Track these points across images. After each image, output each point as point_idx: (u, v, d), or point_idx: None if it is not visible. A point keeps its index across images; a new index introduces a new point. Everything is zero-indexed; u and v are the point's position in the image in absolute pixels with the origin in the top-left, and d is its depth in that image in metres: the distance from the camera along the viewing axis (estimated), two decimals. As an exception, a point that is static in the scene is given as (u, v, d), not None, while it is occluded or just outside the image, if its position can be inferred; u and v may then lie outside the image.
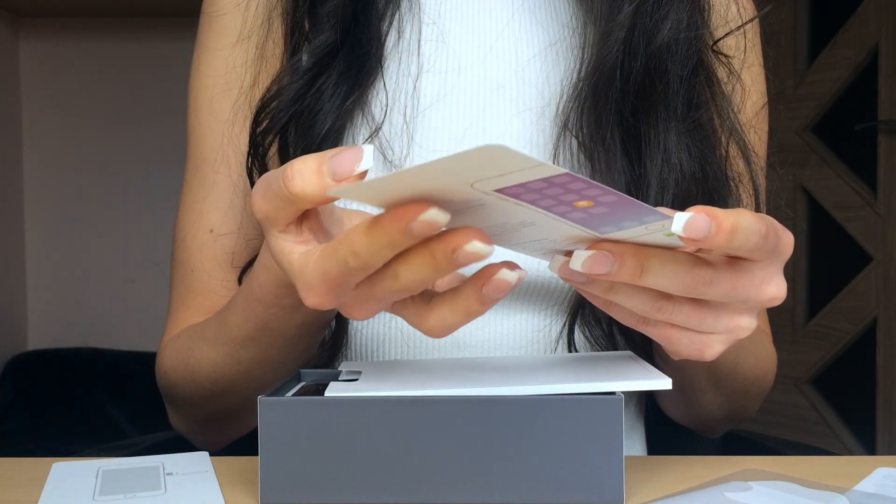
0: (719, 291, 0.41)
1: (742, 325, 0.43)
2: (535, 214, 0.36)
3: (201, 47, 0.69)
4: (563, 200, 0.35)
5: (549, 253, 0.43)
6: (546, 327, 0.64)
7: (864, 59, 2.09)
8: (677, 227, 0.37)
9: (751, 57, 0.67)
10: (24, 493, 0.47)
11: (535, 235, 0.39)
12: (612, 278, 0.39)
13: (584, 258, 0.39)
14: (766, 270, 0.42)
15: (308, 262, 0.39)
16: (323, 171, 0.37)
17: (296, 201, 0.38)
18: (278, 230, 0.40)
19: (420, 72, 0.64)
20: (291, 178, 0.38)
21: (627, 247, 0.39)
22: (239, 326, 0.55)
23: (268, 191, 0.40)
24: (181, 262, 0.68)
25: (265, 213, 0.40)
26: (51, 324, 2.50)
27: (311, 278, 0.39)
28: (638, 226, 0.37)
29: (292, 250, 0.40)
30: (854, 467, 0.51)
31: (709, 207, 0.38)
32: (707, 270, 0.40)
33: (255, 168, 0.62)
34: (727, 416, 0.69)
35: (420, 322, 0.41)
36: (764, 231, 0.39)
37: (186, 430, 0.68)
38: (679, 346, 0.44)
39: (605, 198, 0.35)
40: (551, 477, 0.43)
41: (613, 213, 0.36)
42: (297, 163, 0.38)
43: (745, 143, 0.63)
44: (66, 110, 2.49)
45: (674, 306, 0.41)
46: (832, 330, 2.17)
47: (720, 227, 0.37)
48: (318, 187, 0.38)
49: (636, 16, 0.59)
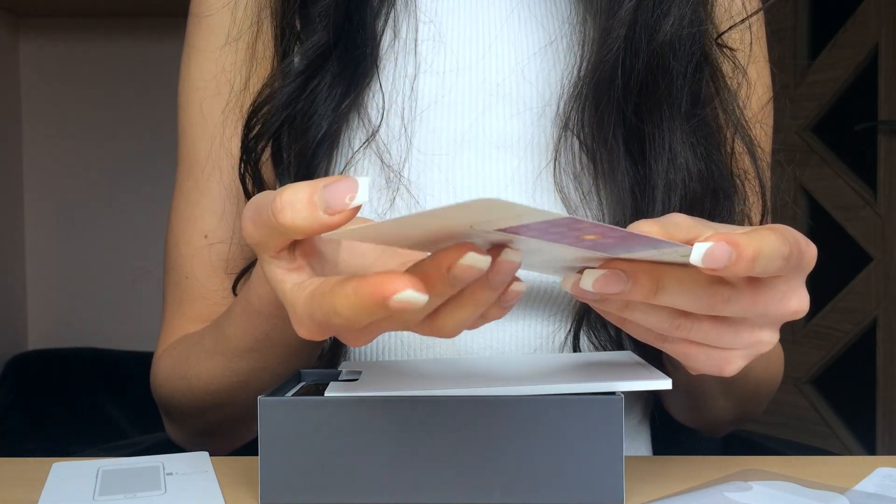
0: (738, 308, 0.39)
1: (763, 340, 0.42)
2: (541, 244, 0.35)
3: (190, 49, 0.68)
4: (569, 236, 0.33)
5: (561, 270, 0.41)
6: (551, 333, 0.63)
7: (864, 59, 2.09)
8: (696, 257, 0.35)
9: (756, 50, 0.65)
10: (24, 493, 0.47)
11: (546, 258, 0.38)
12: (626, 297, 0.38)
13: (595, 277, 0.37)
14: (788, 284, 0.40)
15: (299, 296, 0.37)
16: (315, 201, 0.35)
17: (286, 233, 0.37)
18: (270, 256, 0.39)
19: (417, 72, 0.63)
20: (281, 210, 0.36)
21: (641, 265, 0.37)
22: (238, 338, 0.54)
23: (257, 218, 0.38)
24: (175, 268, 0.67)
25: (255, 240, 0.39)
26: (51, 324, 2.50)
27: (301, 315, 0.37)
28: (651, 250, 0.36)
29: (284, 279, 0.39)
30: (854, 467, 0.51)
31: (729, 234, 0.36)
32: (726, 288, 0.39)
33: (248, 174, 0.61)
34: (735, 418, 0.68)
35: (431, 328, 0.38)
36: (787, 253, 0.37)
37: (184, 442, 0.67)
38: (698, 363, 0.42)
39: (613, 233, 0.33)
40: (551, 477, 0.43)
41: (622, 244, 0.35)
42: (288, 192, 0.36)
43: (750, 138, 0.61)
44: (66, 110, 2.49)
45: (692, 323, 0.40)
46: (832, 330, 2.17)
47: (741, 255, 0.35)
48: (308, 220, 0.35)
49: (637, 11, 0.58)
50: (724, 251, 0.35)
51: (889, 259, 2.03)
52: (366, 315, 0.33)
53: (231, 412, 0.60)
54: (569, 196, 0.60)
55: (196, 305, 0.66)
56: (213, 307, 0.65)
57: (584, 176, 0.61)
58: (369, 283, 0.32)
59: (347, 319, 0.34)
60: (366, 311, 0.33)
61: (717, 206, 0.59)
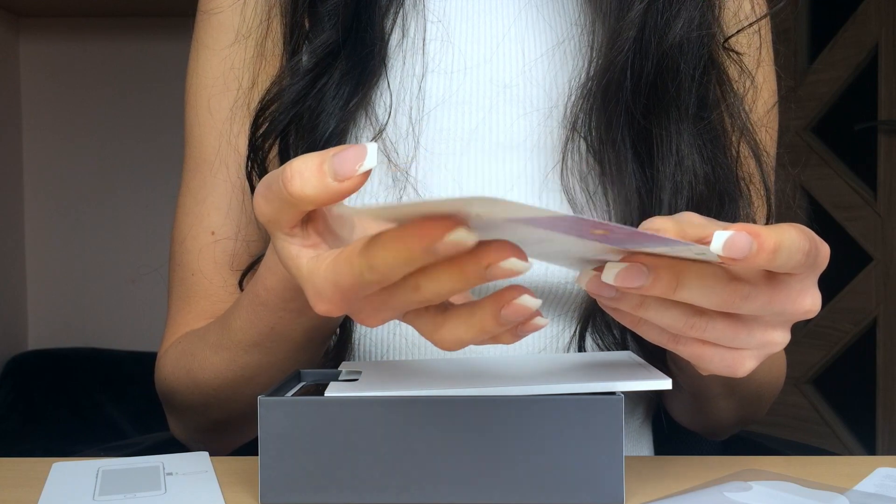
0: (756, 306, 0.39)
1: (776, 340, 0.42)
2: (553, 234, 0.35)
3: (198, 46, 0.68)
4: (578, 231, 0.33)
5: (576, 262, 0.41)
6: (556, 335, 0.63)
7: (864, 59, 2.09)
8: (717, 245, 0.36)
9: (763, 54, 0.66)
10: (24, 493, 0.47)
11: (558, 248, 0.38)
12: (646, 292, 0.38)
13: (616, 271, 0.37)
14: (802, 283, 0.40)
15: (318, 267, 0.37)
16: (324, 170, 0.36)
17: (296, 203, 0.37)
18: (283, 233, 0.39)
19: (425, 72, 0.63)
20: (290, 179, 0.36)
21: (662, 260, 0.37)
22: (243, 331, 0.54)
23: (268, 193, 0.38)
24: (181, 265, 0.67)
25: (267, 216, 0.39)
26: (51, 324, 2.50)
27: (321, 285, 0.37)
28: (663, 247, 0.36)
29: (299, 254, 0.39)
30: (854, 467, 0.51)
31: (751, 225, 0.36)
32: (744, 285, 0.39)
33: (255, 172, 0.61)
34: (738, 421, 0.68)
35: (432, 333, 0.38)
36: (807, 248, 0.38)
37: (187, 439, 0.67)
38: (710, 364, 0.42)
39: (620, 229, 0.33)
40: (551, 477, 0.43)
41: (633, 239, 0.35)
42: (297, 162, 0.36)
43: (756, 143, 0.61)
44: (66, 110, 2.48)
45: (707, 322, 0.40)
46: (832, 330, 2.17)
47: (762, 246, 0.36)
48: (318, 188, 0.36)
49: (647, 14, 0.58)
50: (745, 241, 0.36)
51: (889, 259, 2.03)
52: (405, 265, 0.33)
53: (235, 407, 0.60)
54: (575, 197, 0.60)
55: (201, 302, 0.66)
56: (219, 304, 0.65)
57: (591, 177, 0.61)
58: (415, 226, 0.32)
59: (383, 274, 0.34)
60: (408, 259, 0.33)
61: (722, 209, 0.59)
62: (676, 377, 0.45)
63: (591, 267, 0.40)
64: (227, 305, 0.63)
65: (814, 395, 2.24)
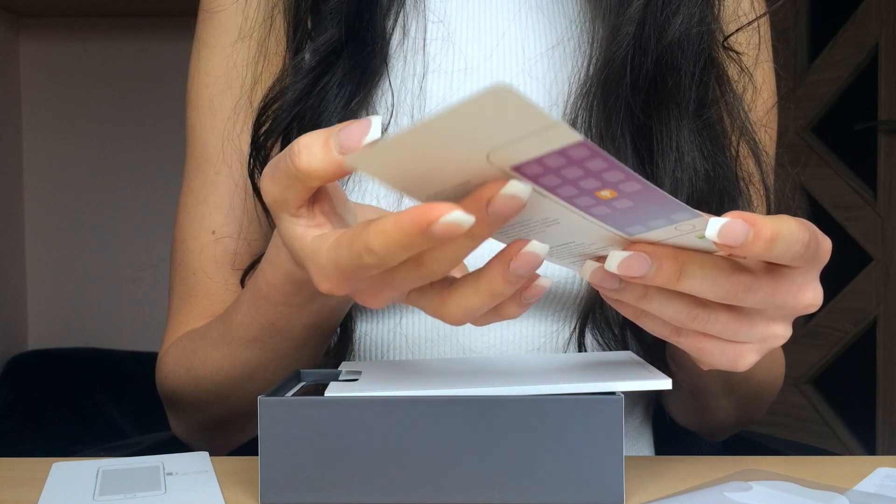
0: (758, 298, 0.39)
1: (777, 334, 0.42)
2: (559, 209, 0.35)
3: (200, 45, 0.68)
4: (585, 189, 0.33)
5: (580, 259, 0.41)
6: (555, 332, 0.63)
7: (864, 59, 2.09)
8: (711, 231, 0.35)
9: (763, 53, 0.66)
10: (24, 493, 0.47)
11: (563, 237, 0.38)
12: (649, 282, 0.38)
13: (620, 259, 0.37)
14: (804, 277, 0.40)
15: (322, 246, 0.37)
16: (330, 144, 0.36)
17: (304, 178, 0.37)
18: (290, 214, 0.39)
19: (426, 72, 0.63)
20: (298, 154, 0.37)
21: (665, 249, 0.37)
22: (244, 326, 0.55)
23: (275, 172, 0.38)
24: (182, 264, 0.67)
25: (274, 196, 0.39)
26: (51, 324, 2.50)
27: (324, 264, 0.37)
28: (667, 225, 0.36)
29: (305, 234, 0.39)
30: (854, 467, 0.51)
31: (748, 213, 0.36)
32: (747, 276, 0.39)
33: (257, 170, 0.61)
34: (737, 421, 0.68)
35: (439, 308, 0.38)
36: (807, 240, 0.38)
37: (188, 437, 0.67)
38: (712, 357, 0.42)
39: (629, 185, 0.33)
40: (551, 477, 0.43)
41: (639, 207, 0.34)
42: (305, 138, 0.37)
43: (755, 142, 0.61)
44: (66, 110, 2.49)
45: (709, 314, 0.40)
46: (832, 330, 2.17)
47: (759, 234, 0.36)
48: (325, 162, 0.36)
49: (646, 10, 0.58)
50: (740, 227, 0.35)
51: (889, 259, 2.03)
52: (403, 249, 0.33)
53: (236, 404, 0.60)
54: None
55: (202, 301, 0.66)
56: (220, 303, 0.65)
57: None
58: (410, 212, 0.32)
59: (381, 258, 0.34)
60: (405, 243, 0.33)
61: (722, 207, 0.59)
62: (676, 375, 0.45)
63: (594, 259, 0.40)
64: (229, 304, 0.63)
65: (814, 395, 2.24)
